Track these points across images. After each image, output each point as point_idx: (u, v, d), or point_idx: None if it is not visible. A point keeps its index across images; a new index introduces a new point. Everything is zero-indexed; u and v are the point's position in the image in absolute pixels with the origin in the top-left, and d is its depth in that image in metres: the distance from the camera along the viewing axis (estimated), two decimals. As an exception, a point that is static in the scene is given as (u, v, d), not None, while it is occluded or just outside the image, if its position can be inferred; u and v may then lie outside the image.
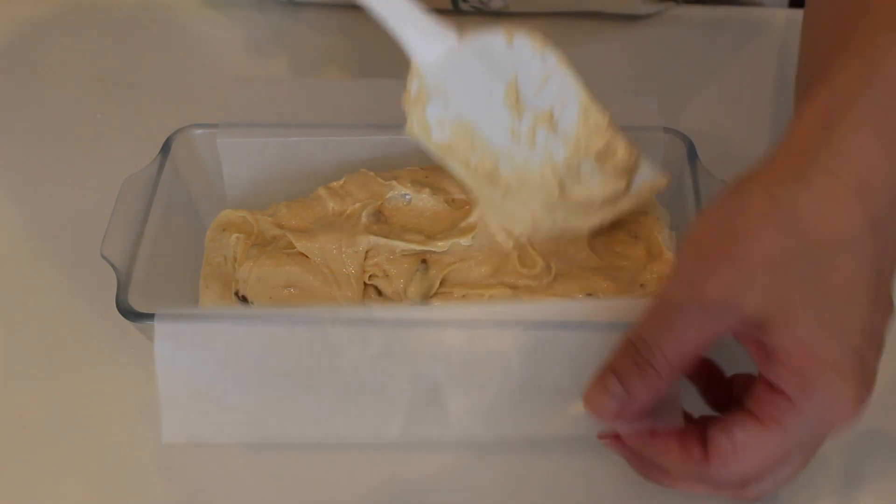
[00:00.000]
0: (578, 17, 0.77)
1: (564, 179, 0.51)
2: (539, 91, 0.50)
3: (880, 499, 0.49)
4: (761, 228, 0.41)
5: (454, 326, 0.48)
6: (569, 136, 0.50)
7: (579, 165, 0.50)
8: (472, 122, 0.51)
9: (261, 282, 0.54)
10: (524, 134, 0.50)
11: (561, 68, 0.49)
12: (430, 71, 0.49)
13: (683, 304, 0.42)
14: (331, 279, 0.54)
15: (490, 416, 0.49)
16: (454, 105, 0.50)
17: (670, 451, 0.45)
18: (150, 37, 0.79)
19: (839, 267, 0.41)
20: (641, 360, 0.43)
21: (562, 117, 0.50)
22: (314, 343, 0.49)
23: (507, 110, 0.50)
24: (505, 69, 0.49)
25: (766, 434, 0.42)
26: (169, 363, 0.49)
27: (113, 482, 0.51)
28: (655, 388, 0.43)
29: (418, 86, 0.50)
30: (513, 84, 0.49)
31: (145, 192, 0.56)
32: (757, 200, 0.42)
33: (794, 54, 0.74)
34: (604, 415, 0.45)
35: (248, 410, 0.50)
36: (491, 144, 0.51)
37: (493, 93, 0.50)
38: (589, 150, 0.50)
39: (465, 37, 0.49)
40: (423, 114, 0.51)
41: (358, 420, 0.50)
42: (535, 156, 0.51)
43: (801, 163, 0.42)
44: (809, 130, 0.43)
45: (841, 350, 0.41)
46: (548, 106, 0.50)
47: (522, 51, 0.49)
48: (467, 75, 0.49)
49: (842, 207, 0.41)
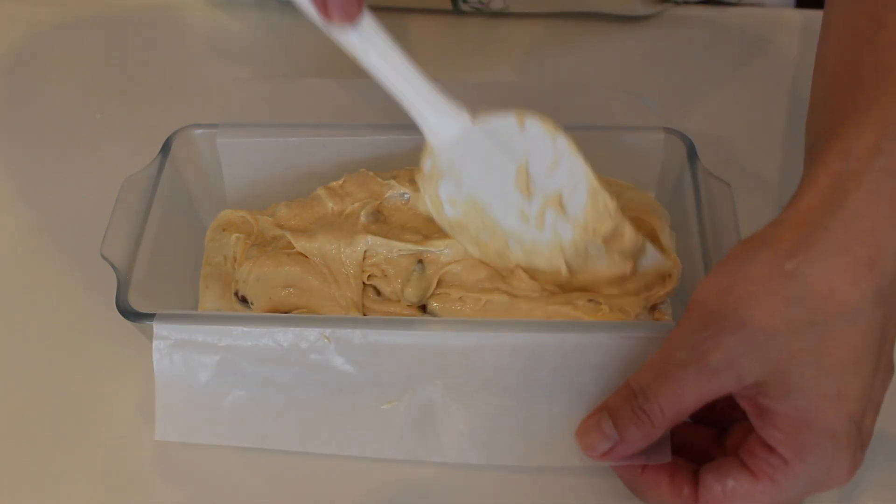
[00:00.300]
0: (578, 17, 0.77)
1: (571, 261, 0.52)
2: (549, 174, 0.50)
3: (880, 500, 0.49)
4: (767, 298, 0.42)
5: (449, 338, 0.48)
6: (577, 219, 0.51)
7: (587, 248, 0.51)
8: (483, 201, 0.52)
9: (260, 282, 0.54)
10: (534, 216, 0.51)
11: (571, 152, 0.50)
12: (444, 151, 0.50)
13: (685, 364, 0.43)
14: (330, 279, 0.54)
15: (483, 441, 0.50)
16: (466, 185, 0.51)
17: (660, 487, 0.46)
18: (151, 37, 0.79)
19: (842, 337, 0.42)
20: (638, 407, 0.44)
21: (570, 200, 0.51)
22: (308, 352, 0.49)
23: (517, 192, 0.51)
24: (516, 151, 0.50)
25: (758, 487, 0.43)
26: (167, 363, 0.50)
27: (113, 482, 0.51)
28: (647, 436, 0.44)
29: (431, 164, 0.51)
30: (524, 167, 0.50)
31: (145, 192, 0.56)
32: (764, 269, 0.42)
33: (793, 54, 0.74)
34: (593, 453, 0.46)
35: (243, 415, 0.51)
36: (501, 224, 0.52)
37: (504, 174, 0.51)
38: (597, 233, 0.51)
39: (478, 118, 0.50)
40: (436, 191, 0.52)
41: (351, 434, 0.50)
42: (543, 237, 0.51)
43: (811, 232, 0.42)
44: (821, 196, 0.43)
45: (838, 419, 0.42)
46: (557, 189, 0.51)
47: (534, 134, 0.50)
48: (479, 156, 0.50)
49: (850, 280, 0.41)
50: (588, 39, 0.76)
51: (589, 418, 0.47)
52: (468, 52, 0.77)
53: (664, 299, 0.54)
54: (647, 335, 0.48)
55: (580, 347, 0.48)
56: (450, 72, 0.75)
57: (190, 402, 0.50)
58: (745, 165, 0.66)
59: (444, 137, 0.50)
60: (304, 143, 0.60)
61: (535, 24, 0.78)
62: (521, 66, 0.75)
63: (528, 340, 0.48)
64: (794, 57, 0.74)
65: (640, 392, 0.44)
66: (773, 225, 0.44)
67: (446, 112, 0.50)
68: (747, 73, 0.74)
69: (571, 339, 0.48)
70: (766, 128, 0.69)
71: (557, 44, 0.77)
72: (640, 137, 0.59)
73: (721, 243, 0.52)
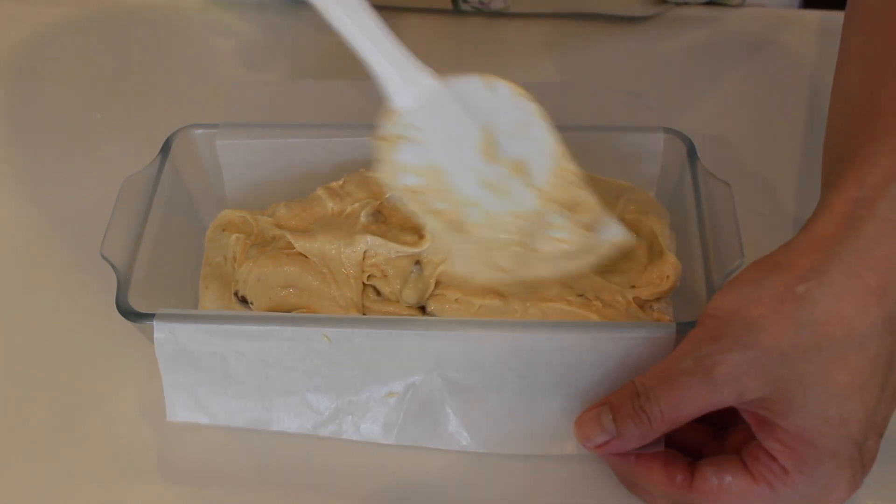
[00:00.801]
0: (578, 17, 0.77)
1: (532, 230, 0.51)
2: (514, 139, 0.50)
3: (880, 500, 0.49)
4: (776, 320, 0.42)
5: (449, 338, 0.48)
6: (541, 188, 0.50)
7: (549, 217, 0.50)
8: (444, 167, 0.50)
9: (260, 282, 0.54)
10: (495, 182, 0.50)
11: (538, 119, 0.49)
12: (407, 112, 0.49)
13: (691, 373, 0.43)
14: (330, 279, 0.54)
15: (481, 432, 0.50)
16: (427, 149, 0.50)
17: (653, 474, 0.46)
18: (151, 37, 0.79)
19: (848, 363, 0.42)
20: (639, 406, 0.45)
21: (535, 168, 0.50)
22: (309, 350, 0.49)
23: (480, 157, 0.50)
24: (482, 115, 0.49)
25: (755, 489, 0.44)
26: (170, 362, 0.50)
27: (113, 482, 0.51)
28: (644, 435, 0.45)
29: (392, 127, 0.50)
30: (488, 130, 0.49)
31: (145, 192, 0.56)
32: (775, 292, 0.43)
33: (793, 54, 0.74)
34: (588, 444, 0.47)
35: (244, 414, 0.51)
36: (460, 191, 0.50)
37: (467, 139, 0.49)
38: (560, 202, 0.50)
39: (445, 80, 0.49)
40: (394, 156, 0.50)
41: (352, 422, 0.51)
42: (504, 205, 0.50)
43: (824, 258, 0.43)
44: (835, 223, 0.44)
45: (840, 442, 0.42)
46: (522, 155, 0.50)
47: (501, 99, 0.49)
48: (443, 119, 0.49)
49: (859, 307, 0.42)
50: (588, 40, 0.76)
51: (589, 410, 0.47)
52: (468, 52, 0.77)
53: (661, 297, 0.54)
54: (644, 335, 0.48)
55: (577, 347, 0.48)
56: (450, 72, 0.74)
57: (194, 396, 0.51)
58: (745, 165, 0.66)
59: (407, 98, 0.49)
60: (303, 144, 0.60)
61: (535, 24, 0.78)
62: (521, 66, 0.75)
63: (527, 340, 0.48)
64: (794, 57, 0.74)
65: (643, 392, 0.45)
66: (787, 248, 0.45)
67: (412, 72, 0.49)
68: (747, 73, 0.74)
69: (569, 338, 0.48)
70: (766, 128, 0.69)
71: (557, 44, 0.77)
72: (640, 137, 0.59)
73: (721, 243, 0.52)
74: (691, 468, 0.46)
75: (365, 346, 0.49)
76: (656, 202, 0.59)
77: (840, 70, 0.53)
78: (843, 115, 0.50)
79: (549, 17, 0.78)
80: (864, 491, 0.48)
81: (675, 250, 0.55)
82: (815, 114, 0.69)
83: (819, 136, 0.52)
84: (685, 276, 0.54)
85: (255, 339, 0.49)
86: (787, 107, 0.71)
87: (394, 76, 0.49)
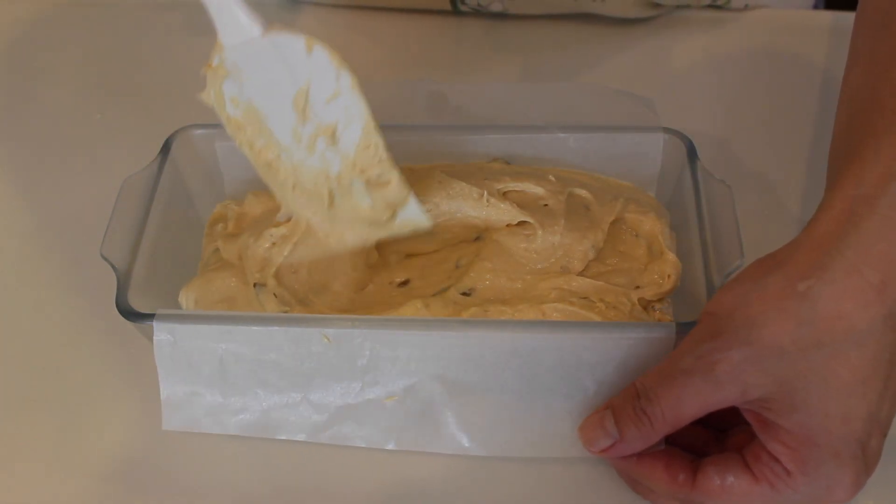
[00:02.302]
0: (578, 19, 0.77)
1: (335, 191, 0.52)
2: (327, 104, 0.51)
3: (880, 500, 0.49)
4: (777, 317, 0.43)
5: (449, 338, 0.48)
6: (347, 155, 0.52)
7: (351, 183, 0.52)
8: (261, 111, 0.52)
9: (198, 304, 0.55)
10: (306, 138, 0.52)
11: (353, 91, 0.51)
12: (232, 51, 0.51)
13: (691, 372, 0.44)
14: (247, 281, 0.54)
15: (482, 435, 0.50)
16: (247, 89, 0.52)
17: (655, 473, 0.47)
18: (151, 37, 0.79)
19: (849, 360, 0.42)
20: (640, 408, 0.45)
21: (344, 135, 0.51)
22: (308, 349, 0.49)
23: (293, 111, 0.51)
24: (300, 73, 0.50)
25: (757, 489, 0.44)
26: (168, 362, 0.50)
27: (113, 481, 0.51)
28: (647, 437, 0.45)
29: (219, 61, 0.51)
30: (304, 90, 0.51)
31: (145, 192, 0.56)
32: (777, 289, 0.43)
33: (793, 54, 0.74)
34: (593, 448, 0.47)
35: (245, 414, 0.51)
36: (276, 136, 0.52)
37: (284, 91, 0.51)
38: (364, 173, 0.52)
39: (272, 32, 0.50)
40: (220, 87, 0.52)
41: (352, 427, 0.51)
42: (311, 161, 0.52)
43: (825, 255, 0.43)
44: (835, 220, 0.44)
45: (842, 440, 0.42)
46: (333, 120, 0.51)
47: (319, 62, 0.50)
48: (263, 66, 0.51)
49: (860, 303, 0.42)
50: (588, 40, 0.76)
51: (594, 414, 0.47)
52: (467, 53, 0.77)
53: (663, 298, 0.54)
54: (644, 335, 0.48)
55: (577, 346, 0.48)
56: (449, 72, 0.75)
57: (192, 400, 0.51)
58: (745, 165, 0.66)
59: (234, 38, 0.50)
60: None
61: (534, 25, 0.78)
62: (521, 66, 0.75)
63: (527, 340, 0.48)
64: (794, 57, 0.74)
65: (643, 394, 0.45)
66: (789, 247, 0.45)
67: (241, 15, 0.50)
68: (747, 74, 0.74)
69: (569, 338, 0.48)
70: (766, 128, 0.69)
71: (557, 44, 0.77)
72: (640, 137, 0.59)
73: (721, 243, 0.52)
74: (694, 467, 0.46)
75: (365, 346, 0.49)
76: (656, 202, 0.59)
77: (848, 71, 0.54)
78: (849, 115, 0.50)
79: (548, 18, 0.78)
80: (865, 491, 0.48)
81: (675, 250, 0.55)
82: (814, 114, 0.69)
83: (819, 135, 0.52)
84: (685, 277, 0.54)
85: (256, 339, 0.49)
86: (786, 107, 0.71)
87: (224, 15, 0.50)
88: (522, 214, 0.55)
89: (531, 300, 0.52)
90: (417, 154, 0.60)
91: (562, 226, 0.55)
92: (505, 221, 0.56)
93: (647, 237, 0.56)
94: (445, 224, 0.57)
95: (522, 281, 0.54)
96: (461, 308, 0.52)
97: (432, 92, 0.63)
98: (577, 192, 0.57)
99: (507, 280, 0.54)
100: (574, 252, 0.54)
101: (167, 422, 0.51)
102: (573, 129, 0.60)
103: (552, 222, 0.55)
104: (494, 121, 0.62)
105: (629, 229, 0.57)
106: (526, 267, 0.55)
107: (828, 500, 0.44)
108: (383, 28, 0.78)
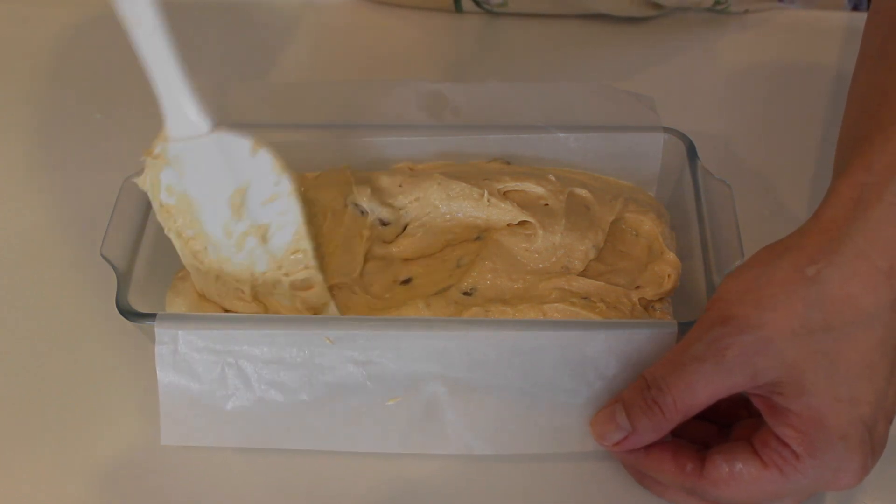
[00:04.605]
0: (578, 18, 0.77)
1: (257, 287, 0.53)
2: (263, 206, 0.52)
3: (878, 500, 0.49)
4: (786, 301, 0.43)
5: (451, 338, 0.48)
6: (274, 256, 0.53)
7: (276, 283, 0.53)
8: (196, 203, 0.52)
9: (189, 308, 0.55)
10: (236, 235, 0.52)
11: (290, 196, 0.52)
12: (176, 143, 0.51)
13: (702, 359, 0.44)
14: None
15: (487, 433, 0.50)
16: (186, 181, 0.52)
17: (664, 464, 0.47)
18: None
19: (858, 342, 0.43)
20: (651, 398, 0.45)
21: (275, 237, 0.53)
22: (310, 354, 0.49)
23: (228, 208, 0.52)
24: (241, 174, 0.51)
25: (765, 474, 0.44)
26: (169, 364, 0.50)
27: (113, 482, 0.51)
28: (659, 428, 0.45)
29: (161, 150, 0.51)
30: (242, 189, 0.51)
31: (145, 192, 0.56)
32: (786, 273, 0.43)
33: (792, 54, 0.75)
34: (605, 443, 0.47)
35: (246, 416, 0.51)
36: (206, 228, 0.53)
37: (222, 188, 0.51)
38: (288, 275, 0.53)
39: (220, 132, 0.50)
40: (158, 175, 0.52)
41: (356, 431, 0.51)
42: (239, 257, 0.53)
43: (834, 240, 0.43)
44: (844, 207, 0.44)
45: (850, 422, 0.43)
46: (266, 221, 0.52)
47: (262, 166, 0.51)
48: (205, 163, 0.51)
49: (868, 287, 0.43)
50: (588, 39, 0.76)
51: (604, 409, 0.48)
52: (468, 51, 0.77)
53: (664, 297, 0.54)
54: (646, 333, 0.48)
55: (579, 344, 0.48)
56: (450, 71, 0.75)
57: (193, 404, 0.50)
58: (745, 165, 0.66)
59: (181, 132, 0.51)
60: (303, 144, 0.60)
61: (535, 24, 0.78)
62: (521, 66, 0.75)
63: (529, 338, 0.48)
64: (794, 57, 0.74)
65: (653, 384, 0.45)
66: (797, 233, 0.45)
67: (190, 111, 0.50)
68: (747, 73, 0.74)
69: (570, 336, 0.48)
70: (766, 128, 0.69)
71: (557, 44, 0.77)
72: (640, 137, 0.59)
73: (721, 243, 0.52)
74: (701, 456, 0.46)
75: (366, 346, 0.49)
76: (656, 202, 0.59)
77: (858, 69, 0.54)
78: (858, 109, 0.51)
79: (548, 17, 0.78)
80: (865, 491, 0.48)
81: (675, 250, 0.55)
82: (814, 113, 0.69)
83: (818, 135, 0.52)
84: (685, 276, 0.54)
85: (256, 340, 0.49)
86: (786, 106, 0.71)
87: (174, 109, 0.50)
88: (523, 214, 0.55)
89: (532, 300, 0.53)
90: (417, 154, 0.60)
91: (562, 225, 0.55)
92: (506, 221, 0.56)
93: (648, 237, 0.56)
94: (446, 224, 0.57)
95: (523, 281, 0.54)
96: (462, 308, 0.52)
97: (432, 92, 0.63)
98: (578, 191, 0.57)
99: (507, 280, 0.54)
100: (575, 252, 0.55)
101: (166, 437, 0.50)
102: (573, 128, 0.60)
103: (553, 222, 0.55)
104: (494, 121, 0.62)
105: (629, 229, 0.57)
106: (527, 266, 0.55)
107: (835, 486, 0.44)
108: (385, 25, 0.78)
